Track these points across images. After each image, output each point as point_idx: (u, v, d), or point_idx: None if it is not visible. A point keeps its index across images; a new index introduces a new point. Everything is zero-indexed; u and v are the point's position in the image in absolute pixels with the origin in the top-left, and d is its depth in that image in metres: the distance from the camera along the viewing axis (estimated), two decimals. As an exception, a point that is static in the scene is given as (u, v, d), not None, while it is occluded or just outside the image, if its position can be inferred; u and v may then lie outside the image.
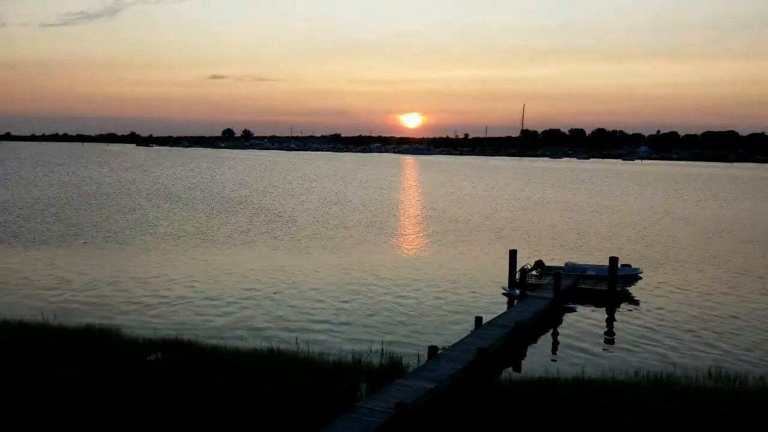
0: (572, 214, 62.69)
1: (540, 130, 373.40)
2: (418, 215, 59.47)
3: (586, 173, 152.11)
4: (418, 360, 18.64)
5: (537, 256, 34.35)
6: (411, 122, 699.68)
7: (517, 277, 28.69)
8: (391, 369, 17.51)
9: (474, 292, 29.17)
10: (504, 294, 28.76)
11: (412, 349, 20.26)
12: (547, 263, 32.32)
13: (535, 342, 22.11)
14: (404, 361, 18.47)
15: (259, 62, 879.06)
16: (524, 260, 31.77)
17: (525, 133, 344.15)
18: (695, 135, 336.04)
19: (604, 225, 54.46)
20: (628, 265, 32.47)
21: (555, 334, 23.20)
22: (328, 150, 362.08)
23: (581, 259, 35.68)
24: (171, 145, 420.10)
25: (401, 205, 68.69)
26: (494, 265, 34.79)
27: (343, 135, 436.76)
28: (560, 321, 24.78)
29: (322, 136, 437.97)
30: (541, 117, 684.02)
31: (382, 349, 19.84)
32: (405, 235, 46.70)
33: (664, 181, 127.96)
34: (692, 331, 23.80)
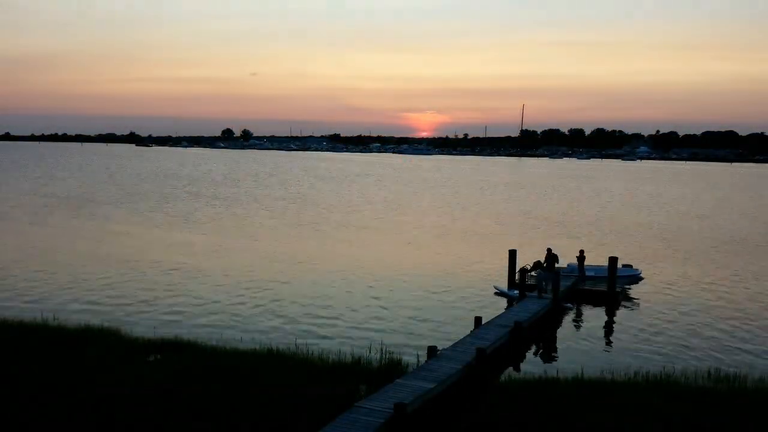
0: (575, 214, 62.69)
1: (539, 130, 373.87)
2: (418, 215, 59.44)
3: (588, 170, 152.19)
4: (418, 360, 18.65)
5: (537, 257, 34.30)
6: (417, 120, 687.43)
7: (516, 277, 28.67)
8: (391, 369, 17.50)
9: (473, 292, 29.16)
10: (496, 293, 28.71)
11: (412, 349, 20.27)
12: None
13: (534, 342, 22.10)
14: (403, 361, 18.47)
15: (259, 60, 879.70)
16: (524, 261, 31.73)
17: (524, 133, 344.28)
18: (695, 135, 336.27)
19: (605, 225, 54.45)
20: (629, 266, 32.54)
21: (554, 335, 23.20)
22: (327, 150, 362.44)
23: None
24: (170, 145, 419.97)
25: (400, 206, 68.66)
26: (495, 265, 34.78)
27: (342, 135, 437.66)
28: (559, 321, 24.79)
29: (322, 136, 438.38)
30: (541, 117, 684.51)
31: (382, 349, 19.82)
32: (405, 235, 46.67)
33: (664, 180, 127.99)
34: (692, 331, 23.80)
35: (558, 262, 28.15)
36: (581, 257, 29.92)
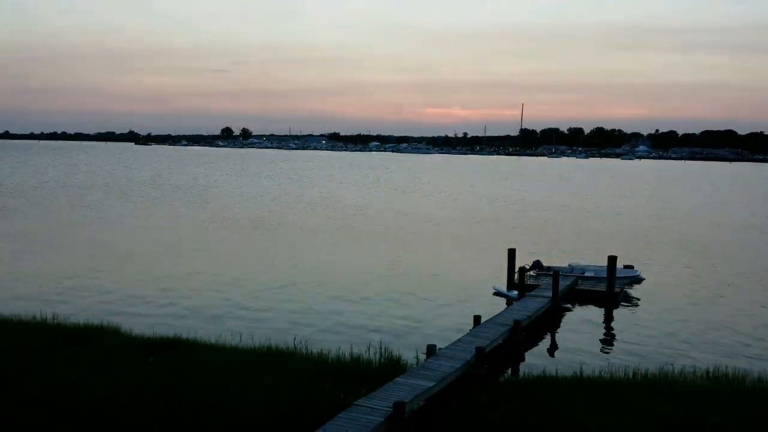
0: (573, 214, 62.74)
1: (539, 129, 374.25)
2: (417, 214, 59.46)
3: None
4: (417, 359, 18.66)
5: (536, 256, 34.35)
6: (437, 117, 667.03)
7: (515, 277, 28.67)
8: (390, 367, 17.48)
9: (473, 291, 29.19)
10: (495, 294, 28.67)
11: (411, 348, 20.28)
12: (551, 264, 32.34)
13: (533, 341, 22.14)
14: (403, 359, 18.47)
15: (259, 58, 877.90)
16: (523, 260, 31.76)
17: (524, 131, 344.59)
18: (694, 134, 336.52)
19: (604, 225, 54.49)
20: (630, 266, 32.53)
21: (553, 334, 23.23)
22: (326, 149, 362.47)
23: (584, 259, 35.64)
24: (170, 144, 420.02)
25: (399, 205, 68.66)
26: (494, 264, 34.80)
27: (342, 134, 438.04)
28: (559, 321, 24.81)
29: (321, 135, 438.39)
30: (540, 116, 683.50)
31: (381, 348, 19.82)
32: (404, 234, 46.69)
33: (664, 180, 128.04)
34: (691, 331, 23.83)
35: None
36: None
